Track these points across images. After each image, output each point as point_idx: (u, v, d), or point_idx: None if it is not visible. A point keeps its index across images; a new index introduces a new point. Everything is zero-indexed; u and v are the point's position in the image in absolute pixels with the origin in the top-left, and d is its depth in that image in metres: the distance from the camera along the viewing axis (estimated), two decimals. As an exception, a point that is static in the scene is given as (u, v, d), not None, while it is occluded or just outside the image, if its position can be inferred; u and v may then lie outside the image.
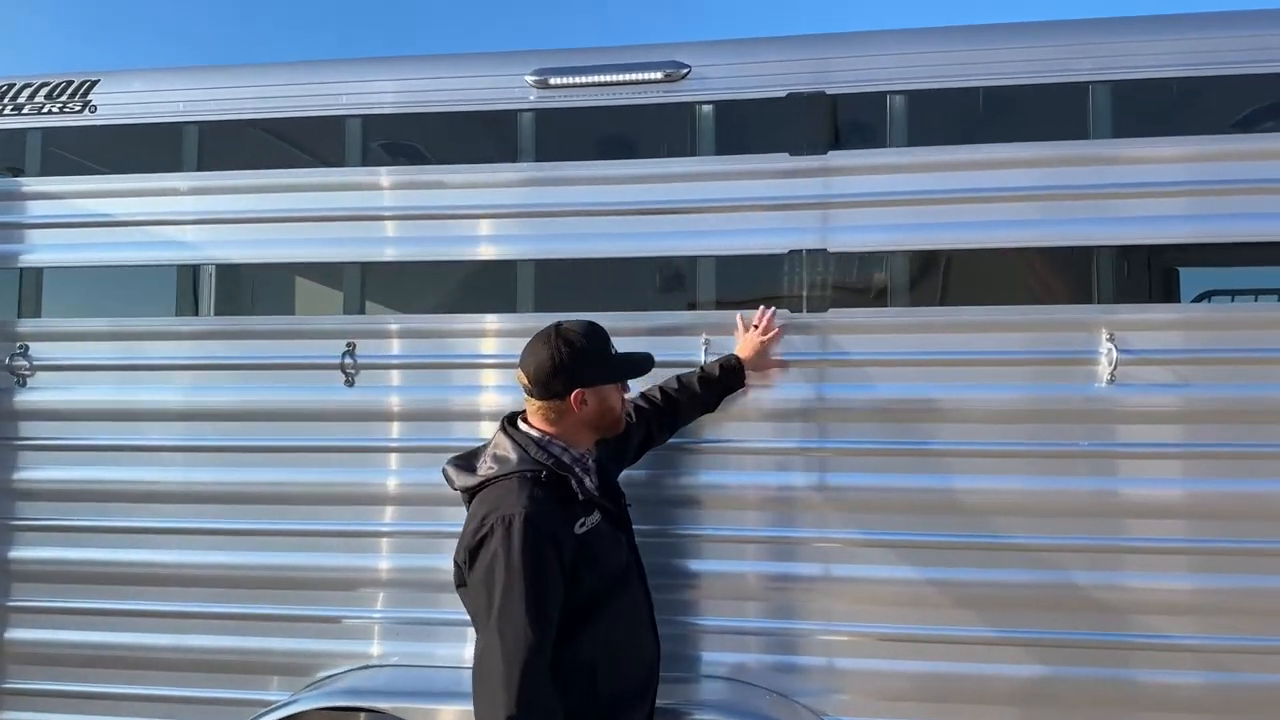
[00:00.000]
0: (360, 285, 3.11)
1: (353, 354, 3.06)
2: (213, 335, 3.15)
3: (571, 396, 2.20)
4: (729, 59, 2.99)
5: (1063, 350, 2.77)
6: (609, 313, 2.91)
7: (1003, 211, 2.82)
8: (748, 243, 2.93)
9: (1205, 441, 2.71)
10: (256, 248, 3.18)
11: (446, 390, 3.03)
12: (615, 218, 2.99)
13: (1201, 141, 2.77)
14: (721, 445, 2.89)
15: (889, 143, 2.90)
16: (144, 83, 3.27)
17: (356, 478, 3.06)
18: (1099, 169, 2.81)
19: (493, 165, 3.07)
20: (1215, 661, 2.67)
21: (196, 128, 3.22)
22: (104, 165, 3.30)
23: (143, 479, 3.14)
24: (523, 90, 3.06)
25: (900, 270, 2.89)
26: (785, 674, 2.82)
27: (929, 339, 2.82)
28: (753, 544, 2.86)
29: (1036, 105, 2.87)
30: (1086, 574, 2.72)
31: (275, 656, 3.07)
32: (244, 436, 3.10)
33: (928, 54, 2.87)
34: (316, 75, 3.18)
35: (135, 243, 3.22)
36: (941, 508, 2.78)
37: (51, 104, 3.30)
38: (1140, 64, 2.78)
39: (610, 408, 2.28)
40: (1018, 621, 2.74)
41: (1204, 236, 2.79)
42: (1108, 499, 2.73)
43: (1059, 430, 2.75)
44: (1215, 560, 2.69)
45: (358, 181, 3.12)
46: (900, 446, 2.82)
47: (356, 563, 3.05)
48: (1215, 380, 2.71)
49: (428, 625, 2.99)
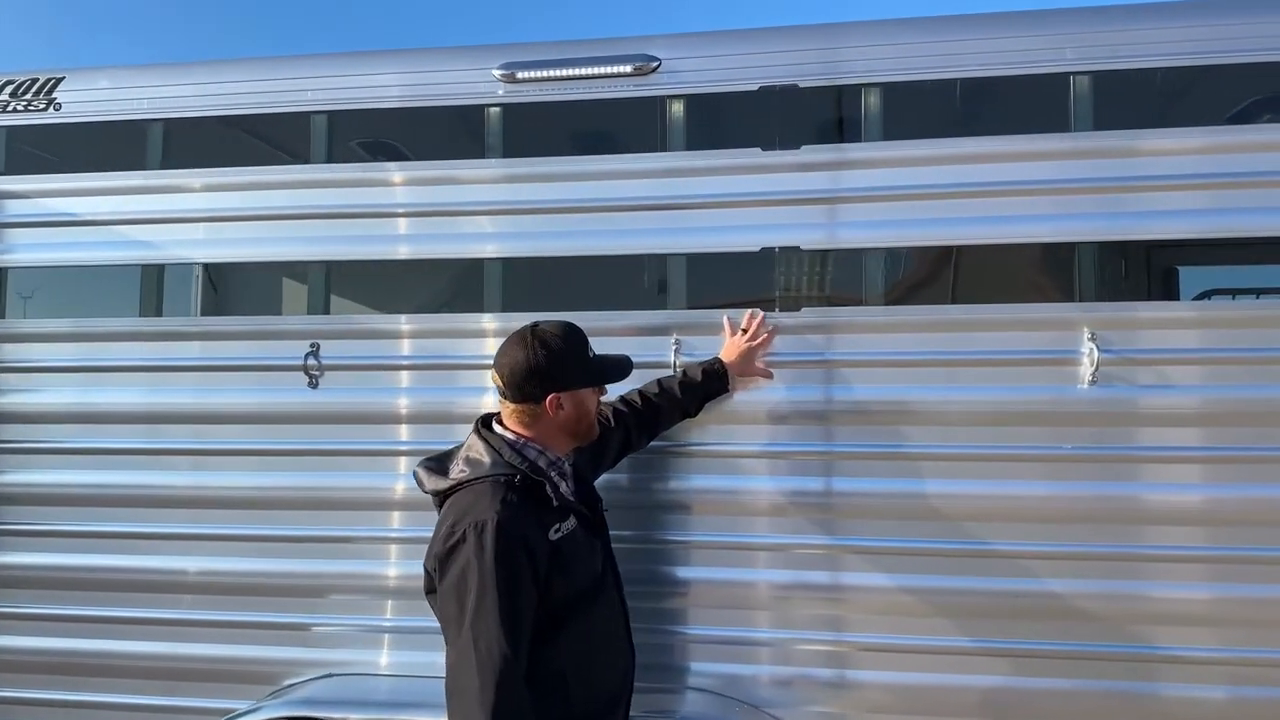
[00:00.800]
0: (325, 284, 3.05)
1: (317, 355, 2.99)
2: (173, 336, 3.09)
3: (547, 400, 2.13)
4: (700, 52, 2.91)
5: (1045, 350, 2.68)
6: (578, 312, 2.85)
7: (983, 207, 2.74)
8: (720, 240, 2.85)
9: (1190, 445, 2.62)
10: (222, 246, 3.12)
11: (411, 392, 2.96)
12: (584, 215, 2.91)
13: (1194, 134, 2.68)
14: (693, 449, 2.81)
15: (864, 137, 2.82)
16: (109, 79, 3.22)
17: (321, 481, 2.99)
18: (1084, 163, 2.72)
19: (460, 161, 3.01)
20: (1192, 674, 2.58)
21: (161, 125, 3.17)
22: (68, 163, 3.24)
23: (103, 482, 3.08)
24: (491, 85, 2.99)
25: (876, 268, 2.81)
26: (760, 685, 2.74)
27: (906, 339, 2.74)
28: (728, 550, 2.78)
29: (1016, 97, 2.79)
30: (1068, 582, 2.63)
31: (241, 664, 3.00)
32: (208, 440, 3.04)
33: (902, 45, 2.79)
34: (282, 71, 3.12)
35: (99, 242, 3.16)
36: (923, 513, 2.69)
37: (16, 102, 3.25)
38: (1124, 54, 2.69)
39: (587, 413, 2.21)
40: (995, 631, 2.65)
41: (1197, 233, 2.69)
42: (1094, 504, 2.64)
43: (1040, 433, 2.66)
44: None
45: (323, 178, 3.06)
46: (877, 450, 2.73)
47: (323, 569, 2.98)
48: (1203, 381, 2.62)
49: (393, 633, 2.93)
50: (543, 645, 2.00)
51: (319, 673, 2.96)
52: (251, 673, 2.98)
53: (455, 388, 2.92)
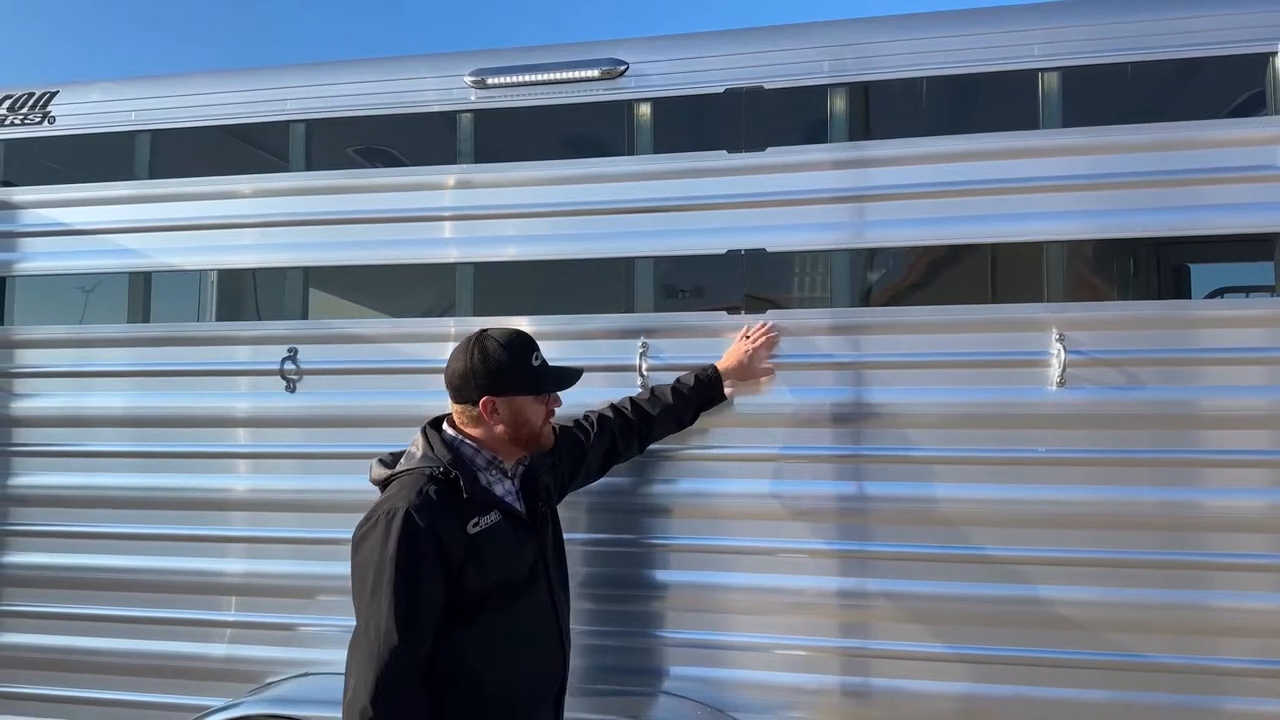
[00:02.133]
0: (303, 289, 3.10)
1: (294, 359, 3.05)
2: (158, 341, 3.17)
3: (481, 404, 2.16)
4: (667, 55, 2.92)
5: (1014, 351, 2.64)
6: (545, 316, 2.89)
7: (947, 207, 2.70)
8: (685, 243, 2.85)
9: (1155, 449, 2.56)
10: (206, 254, 3.19)
11: (388, 395, 3.00)
12: (553, 219, 2.93)
13: (1162, 129, 2.62)
14: (666, 452, 2.81)
15: (830, 138, 2.80)
16: (100, 93, 3.31)
17: (302, 484, 3.05)
18: (1055, 160, 2.67)
19: (430, 167, 3.04)
20: (1162, 681, 2.53)
21: (148, 136, 3.25)
22: (63, 174, 3.34)
23: (90, 484, 3.17)
24: (462, 91, 3.03)
25: (842, 270, 2.79)
26: (723, 688, 2.73)
27: (872, 340, 2.71)
28: (697, 553, 2.78)
29: (984, 94, 2.75)
30: (1043, 588, 2.59)
31: (226, 663, 3.07)
32: (192, 442, 3.11)
33: (868, 45, 2.76)
34: (262, 81, 3.19)
35: (90, 250, 3.25)
36: (898, 516, 2.68)
37: (13, 115, 3.36)
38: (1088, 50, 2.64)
39: (526, 420, 2.21)
40: (969, 638, 2.62)
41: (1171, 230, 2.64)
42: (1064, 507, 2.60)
43: (1014, 436, 2.62)
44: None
45: (300, 186, 3.12)
46: (843, 452, 2.72)
47: (306, 570, 3.03)
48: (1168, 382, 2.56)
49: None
50: (452, 635, 2.04)
51: (299, 671, 3.01)
52: (235, 671, 3.05)
53: (427, 391, 2.95)
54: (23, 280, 3.35)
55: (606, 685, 2.77)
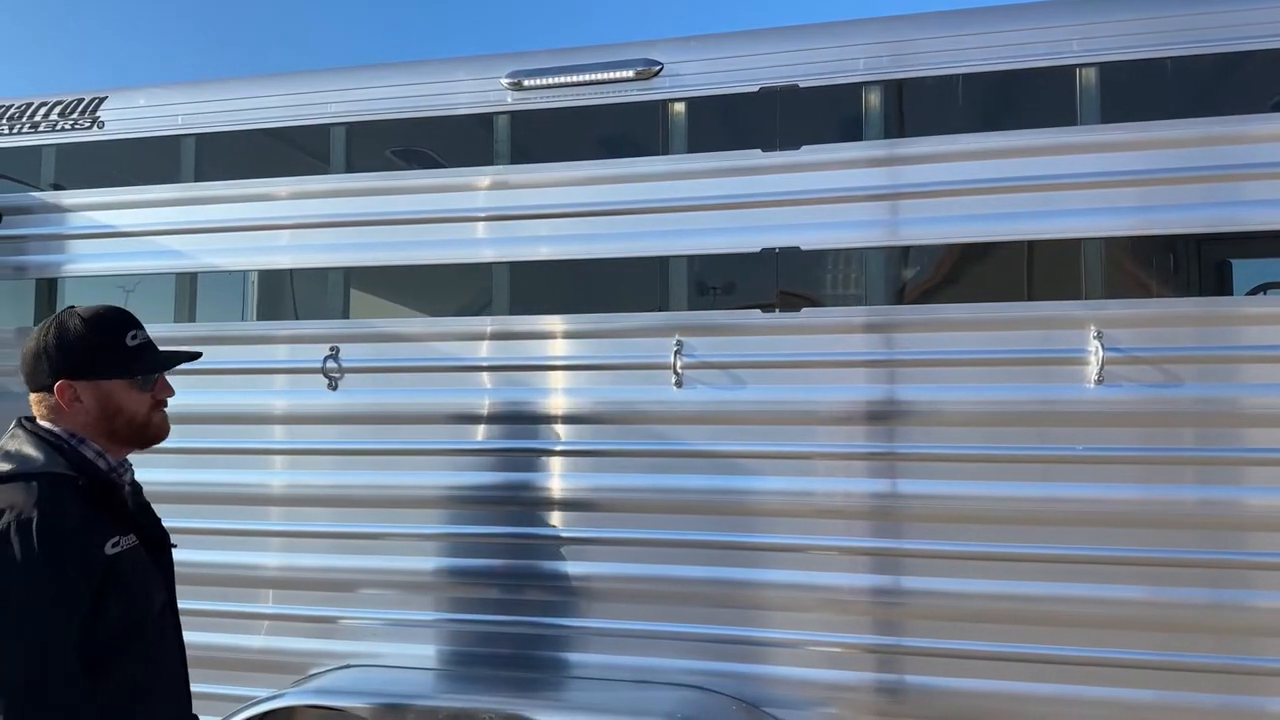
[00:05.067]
0: (344, 289, 3.16)
1: (336, 357, 3.11)
2: (202, 340, 3.24)
3: (56, 389, 1.78)
4: (701, 55, 2.94)
5: (1050, 349, 2.63)
6: (580, 314, 2.93)
7: (985, 205, 2.69)
8: (720, 242, 2.87)
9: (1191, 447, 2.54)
10: (251, 255, 3.26)
11: (427, 393, 3.05)
12: (588, 219, 2.96)
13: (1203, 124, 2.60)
14: (705, 451, 2.83)
15: (864, 136, 2.80)
16: (146, 98, 3.40)
17: (343, 480, 3.10)
18: (1093, 156, 2.66)
19: (469, 169, 3.09)
20: (1193, 681, 2.50)
21: (194, 139, 3.33)
22: (112, 178, 3.43)
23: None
24: (499, 93, 3.07)
25: (877, 268, 2.79)
26: (759, 684, 2.75)
27: (906, 338, 2.71)
28: (733, 551, 2.79)
29: (1021, 91, 2.74)
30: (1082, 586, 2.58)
31: (269, 655, 3.13)
32: (233, 439, 3.18)
33: (903, 42, 2.76)
34: (304, 85, 3.25)
35: (136, 252, 3.34)
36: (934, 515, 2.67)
37: (64, 121, 3.45)
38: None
39: (120, 408, 1.82)
40: (997, 635, 2.61)
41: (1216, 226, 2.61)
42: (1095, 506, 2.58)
43: (1049, 434, 2.61)
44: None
45: (342, 188, 3.17)
46: (880, 450, 2.72)
47: (347, 564, 3.09)
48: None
49: (411, 626, 3.02)
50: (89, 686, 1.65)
51: (340, 663, 3.07)
52: (275, 663, 3.11)
53: (459, 389, 3.00)
54: (69, 281, 3.45)
55: (639, 680, 2.79)
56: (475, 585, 2.98)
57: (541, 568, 2.92)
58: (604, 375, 2.90)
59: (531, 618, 2.91)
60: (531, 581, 2.92)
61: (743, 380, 2.80)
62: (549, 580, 2.91)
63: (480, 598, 2.98)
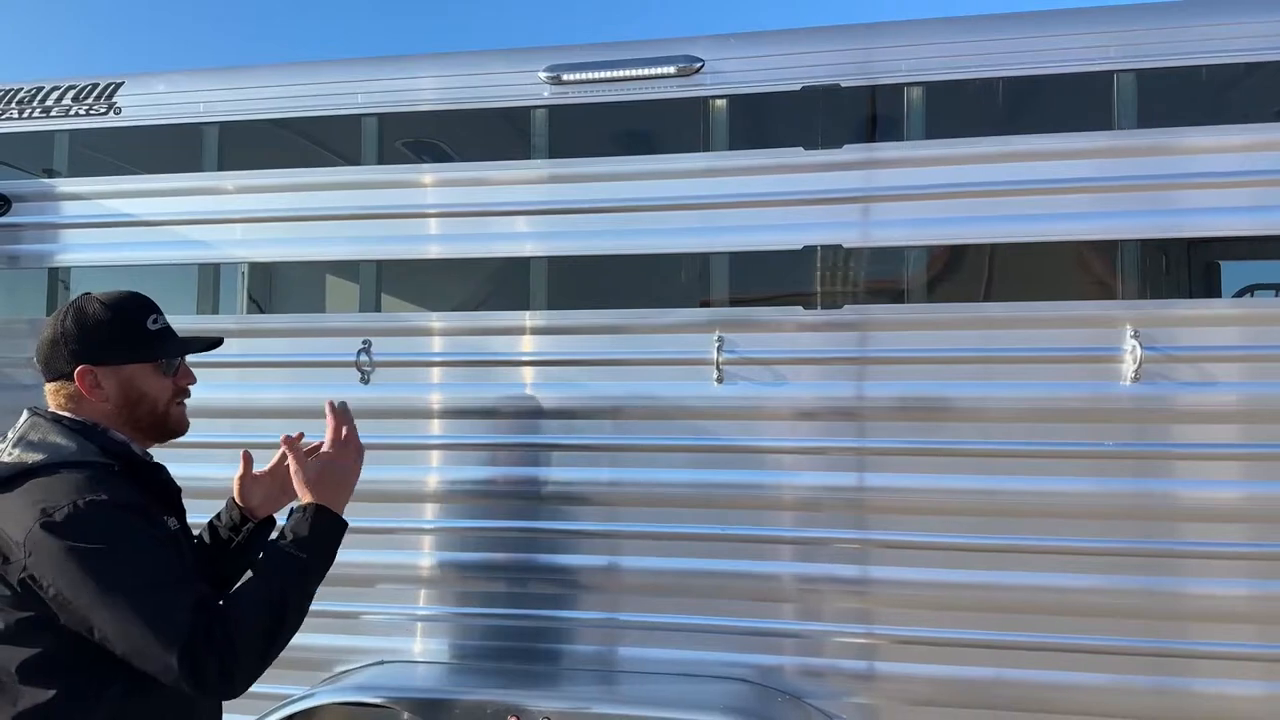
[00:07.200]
0: (376, 283, 3.13)
1: (369, 351, 3.07)
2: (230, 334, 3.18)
3: (76, 374, 1.73)
4: (743, 52, 2.95)
5: (1086, 348, 2.70)
6: (620, 310, 2.93)
7: (1028, 205, 2.75)
8: (762, 239, 2.89)
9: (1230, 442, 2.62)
10: (275, 246, 3.21)
11: (461, 388, 3.03)
12: (628, 214, 2.96)
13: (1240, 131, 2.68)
14: (749, 446, 2.85)
15: (907, 136, 2.84)
16: (166, 84, 3.32)
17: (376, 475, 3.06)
18: (1129, 160, 2.73)
19: (506, 162, 3.07)
20: (1230, 669, 2.59)
21: (216, 128, 3.26)
22: (129, 165, 3.35)
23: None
24: (537, 87, 3.05)
25: (919, 266, 2.84)
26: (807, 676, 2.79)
27: (949, 336, 2.76)
28: (775, 545, 2.83)
29: (1061, 95, 2.80)
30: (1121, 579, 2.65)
31: (291, 650, 3.08)
32: (259, 433, 3.13)
33: (946, 44, 2.81)
34: (333, 74, 3.20)
35: (157, 242, 3.26)
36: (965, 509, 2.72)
37: (78, 106, 3.36)
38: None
39: (144, 395, 1.77)
40: (1033, 627, 2.67)
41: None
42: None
43: (1082, 431, 2.68)
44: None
45: (371, 179, 3.14)
46: (922, 446, 2.76)
47: (373, 559, 3.06)
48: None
49: (441, 621, 3.00)
50: (126, 705, 1.63)
51: (371, 660, 3.04)
52: (302, 659, 3.07)
53: (498, 384, 2.99)
54: (79, 271, 3.36)
55: (684, 674, 2.81)
56: (511, 580, 2.97)
57: (580, 563, 2.92)
58: (644, 370, 2.91)
59: (571, 612, 2.91)
60: (569, 576, 2.93)
61: (784, 376, 2.83)
62: (587, 575, 2.92)
63: (515, 593, 2.97)
